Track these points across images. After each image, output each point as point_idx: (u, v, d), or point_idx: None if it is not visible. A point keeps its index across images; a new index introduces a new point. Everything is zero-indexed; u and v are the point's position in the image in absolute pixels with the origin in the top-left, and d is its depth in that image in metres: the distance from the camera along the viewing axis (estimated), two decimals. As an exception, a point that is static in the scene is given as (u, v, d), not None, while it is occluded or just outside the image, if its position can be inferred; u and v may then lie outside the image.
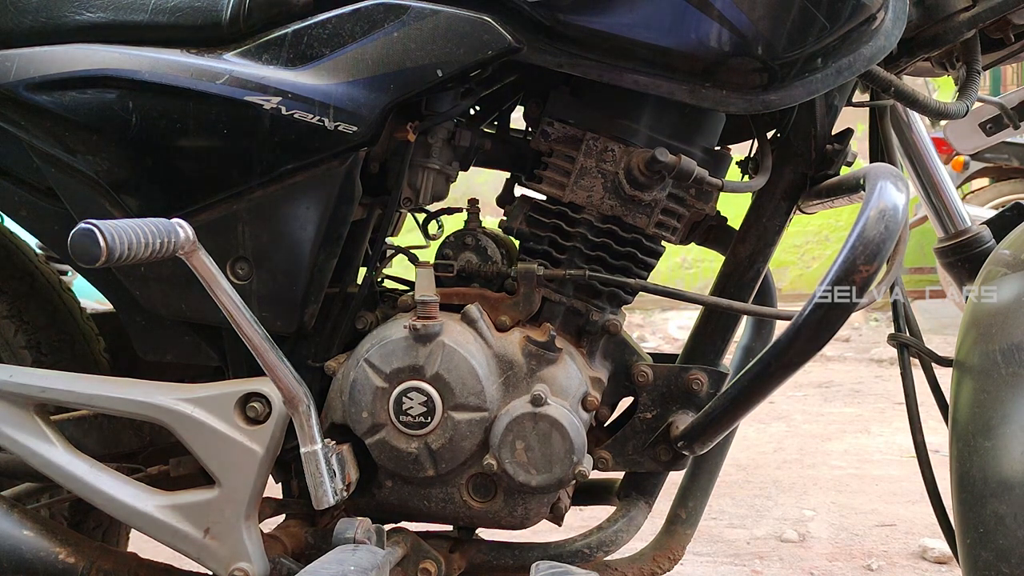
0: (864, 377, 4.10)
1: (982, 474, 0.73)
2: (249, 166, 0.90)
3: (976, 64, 1.01)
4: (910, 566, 1.81)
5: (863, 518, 2.11)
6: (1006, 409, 0.73)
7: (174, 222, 0.74)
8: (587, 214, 0.94)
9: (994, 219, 1.09)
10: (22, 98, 0.90)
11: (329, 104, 0.87)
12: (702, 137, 0.96)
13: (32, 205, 1.00)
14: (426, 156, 0.98)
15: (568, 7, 0.85)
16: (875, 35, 0.89)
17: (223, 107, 0.88)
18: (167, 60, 0.89)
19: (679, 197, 0.95)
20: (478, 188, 1.14)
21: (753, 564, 1.84)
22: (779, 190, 0.99)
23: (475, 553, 1.02)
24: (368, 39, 0.88)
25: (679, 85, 0.86)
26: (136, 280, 0.95)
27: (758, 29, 0.83)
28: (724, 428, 0.92)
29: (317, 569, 0.79)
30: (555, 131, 0.94)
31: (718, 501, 2.23)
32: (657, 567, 1.09)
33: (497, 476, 0.92)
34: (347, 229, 0.93)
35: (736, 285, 1.01)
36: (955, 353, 0.83)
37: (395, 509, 0.99)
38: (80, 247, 0.63)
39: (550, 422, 0.89)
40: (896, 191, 0.77)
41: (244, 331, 0.83)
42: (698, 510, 1.13)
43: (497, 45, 0.85)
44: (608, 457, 1.00)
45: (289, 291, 0.94)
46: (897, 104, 1.05)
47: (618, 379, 1.01)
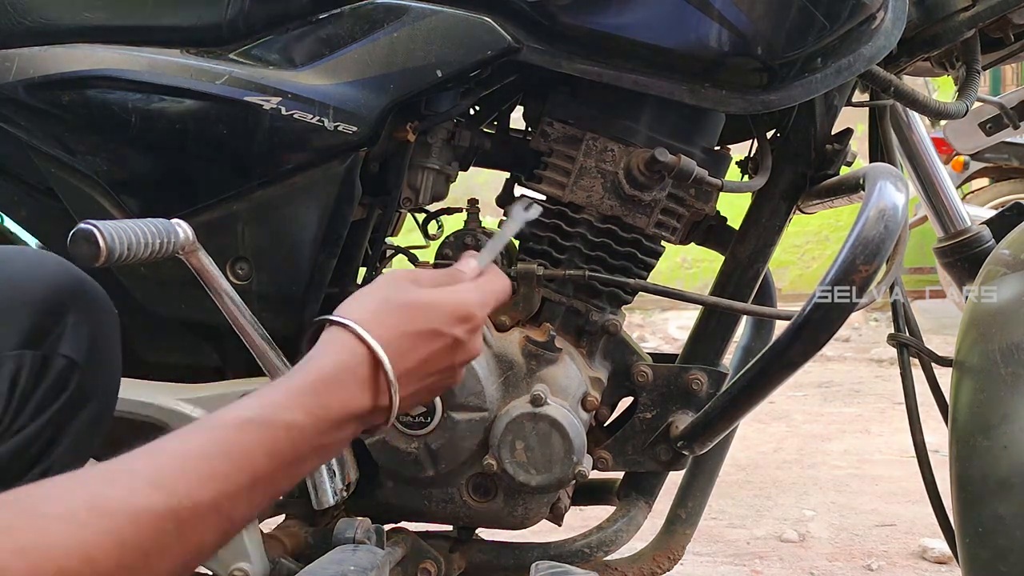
0: (864, 377, 4.10)
1: (982, 474, 0.73)
2: (249, 166, 0.90)
3: (976, 64, 1.01)
4: (910, 566, 1.81)
5: (863, 518, 2.11)
6: (1006, 409, 0.73)
7: (174, 222, 0.74)
8: (587, 214, 0.94)
9: (994, 219, 1.09)
10: (22, 98, 0.90)
11: (329, 104, 0.87)
12: (702, 137, 0.96)
13: (32, 205, 1.00)
14: (426, 156, 0.98)
15: (568, 8, 0.84)
16: (875, 35, 0.89)
17: (223, 107, 0.88)
18: (167, 60, 0.89)
19: (679, 197, 0.95)
20: (478, 188, 1.14)
21: (753, 564, 1.84)
22: (779, 190, 0.99)
23: (475, 553, 1.02)
24: (368, 39, 0.88)
25: (679, 85, 0.86)
26: (136, 280, 0.95)
27: (758, 29, 0.83)
28: (724, 428, 0.92)
29: (317, 569, 0.79)
30: (555, 131, 0.94)
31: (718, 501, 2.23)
32: (657, 567, 1.09)
33: (497, 476, 0.92)
34: (347, 229, 0.93)
35: (736, 285, 1.00)
36: (955, 353, 0.83)
37: (395, 509, 0.99)
38: (79, 247, 0.63)
39: (550, 422, 0.89)
40: (896, 191, 0.77)
41: (244, 331, 0.83)
42: (698, 510, 1.13)
43: (497, 45, 0.85)
44: (608, 457, 1.00)
45: (289, 291, 0.93)
46: (897, 104, 1.04)
47: (618, 379, 1.01)
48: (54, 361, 0.67)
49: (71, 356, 0.68)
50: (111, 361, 0.74)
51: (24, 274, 0.68)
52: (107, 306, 0.73)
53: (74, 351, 0.68)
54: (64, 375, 0.67)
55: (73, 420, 0.68)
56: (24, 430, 0.64)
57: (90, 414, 0.69)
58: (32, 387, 0.65)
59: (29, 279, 0.68)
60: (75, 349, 0.68)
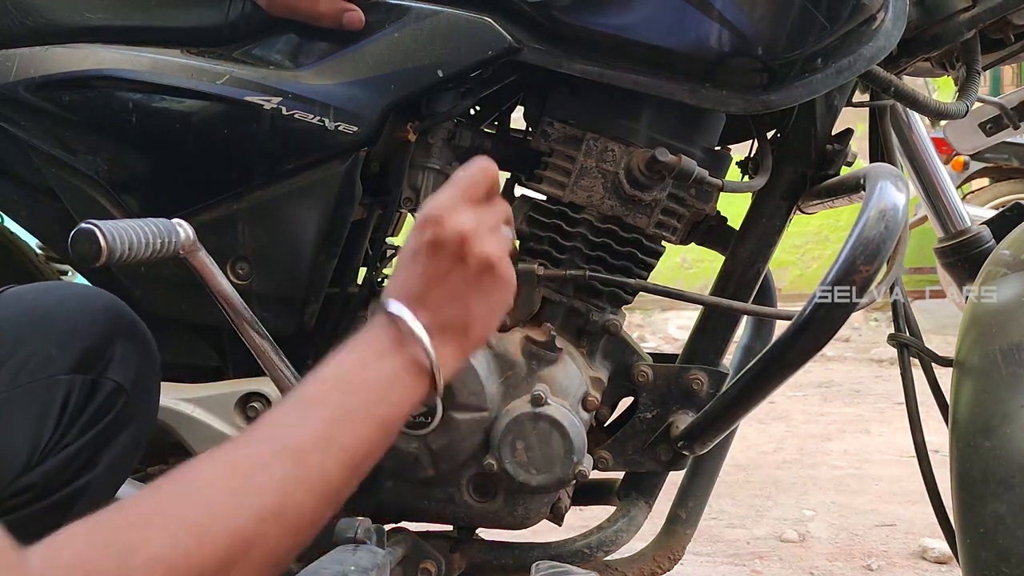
0: (864, 377, 4.10)
1: (982, 474, 0.73)
2: (249, 166, 0.90)
3: (976, 64, 1.01)
4: (910, 566, 1.81)
5: (863, 518, 2.11)
6: (1006, 409, 0.73)
7: (174, 222, 0.74)
8: (587, 214, 0.94)
9: (994, 219, 1.09)
10: (22, 98, 0.90)
11: (329, 104, 0.87)
12: (702, 137, 0.96)
13: (32, 205, 1.00)
14: (426, 156, 0.98)
15: (568, 8, 0.85)
16: (875, 35, 0.89)
17: (223, 107, 0.88)
18: (167, 60, 0.89)
19: (679, 197, 0.95)
20: (478, 188, 1.14)
21: (753, 564, 1.84)
22: (779, 190, 0.99)
23: (475, 553, 1.02)
24: (368, 39, 0.88)
25: (679, 85, 0.86)
26: (136, 280, 0.95)
27: (758, 29, 0.83)
28: (724, 428, 0.92)
29: (317, 569, 0.78)
30: (555, 131, 0.94)
31: (718, 501, 2.23)
32: (657, 567, 1.09)
33: (497, 476, 0.92)
34: (347, 229, 0.93)
35: (736, 285, 1.00)
36: (955, 353, 0.83)
37: (395, 509, 0.99)
38: (80, 247, 0.63)
39: (550, 422, 0.89)
40: (896, 191, 0.77)
41: (244, 331, 0.83)
42: (698, 510, 1.13)
43: (497, 45, 0.85)
44: (608, 457, 1.00)
45: (289, 291, 0.94)
46: (897, 104, 1.04)
47: (618, 379, 1.01)
48: (103, 385, 0.73)
49: (118, 381, 0.74)
50: (152, 388, 0.80)
51: (79, 308, 0.75)
52: (149, 338, 0.80)
53: (121, 376, 0.74)
54: (111, 398, 0.74)
55: (115, 439, 0.74)
56: (70, 446, 0.70)
57: (131, 435, 0.75)
58: (81, 408, 0.71)
59: (83, 311, 0.75)
60: (122, 375, 0.74)
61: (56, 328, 0.72)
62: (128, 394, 0.75)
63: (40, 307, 0.74)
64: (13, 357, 0.69)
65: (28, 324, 0.72)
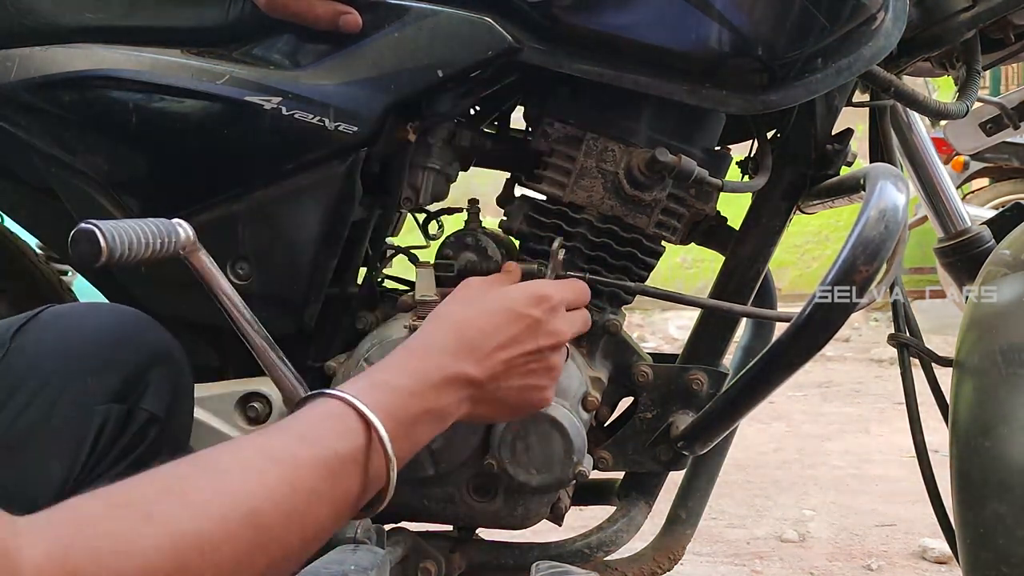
0: (864, 377, 4.10)
1: (982, 474, 0.73)
2: (249, 166, 0.90)
3: (976, 64, 1.01)
4: (910, 566, 1.81)
5: (863, 518, 2.11)
6: (1006, 409, 0.73)
7: (174, 222, 0.74)
8: (587, 214, 0.94)
9: (994, 219, 1.09)
10: (23, 98, 0.90)
11: (329, 104, 0.87)
12: (702, 137, 0.96)
13: (32, 205, 1.00)
14: (426, 156, 0.98)
15: (568, 8, 0.84)
16: (875, 35, 0.89)
17: (223, 107, 0.88)
18: (167, 60, 0.89)
19: (679, 197, 0.95)
20: (478, 188, 1.14)
21: (753, 564, 1.84)
22: (779, 190, 0.99)
23: (475, 553, 1.02)
24: (368, 39, 0.88)
25: (679, 85, 0.86)
26: (136, 280, 0.95)
27: (758, 29, 0.83)
28: (724, 428, 0.92)
29: (317, 569, 0.79)
30: (555, 131, 0.94)
31: (718, 501, 2.23)
32: (657, 567, 1.09)
33: (497, 476, 0.92)
34: (347, 229, 0.93)
35: (736, 285, 1.00)
36: (955, 353, 0.83)
37: (395, 509, 0.99)
38: (80, 247, 0.63)
39: (550, 422, 0.89)
40: (896, 191, 0.77)
41: (244, 331, 0.83)
42: (698, 510, 1.13)
43: (497, 46, 0.85)
44: (608, 457, 1.00)
45: (289, 291, 0.93)
46: (897, 104, 1.04)
47: (618, 379, 1.01)
48: (137, 415, 0.74)
49: (152, 411, 0.75)
50: (186, 414, 0.81)
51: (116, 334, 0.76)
52: (184, 364, 0.81)
53: (155, 406, 0.75)
54: (145, 428, 0.74)
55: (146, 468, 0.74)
56: (102, 476, 0.70)
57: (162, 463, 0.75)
58: (115, 437, 0.72)
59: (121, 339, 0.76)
60: (156, 404, 0.76)
61: (94, 357, 0.73)
62: (161, 423, 0.75)
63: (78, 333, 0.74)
64: (50, 385, 0.70)
65: (65, 351, 0.73)
